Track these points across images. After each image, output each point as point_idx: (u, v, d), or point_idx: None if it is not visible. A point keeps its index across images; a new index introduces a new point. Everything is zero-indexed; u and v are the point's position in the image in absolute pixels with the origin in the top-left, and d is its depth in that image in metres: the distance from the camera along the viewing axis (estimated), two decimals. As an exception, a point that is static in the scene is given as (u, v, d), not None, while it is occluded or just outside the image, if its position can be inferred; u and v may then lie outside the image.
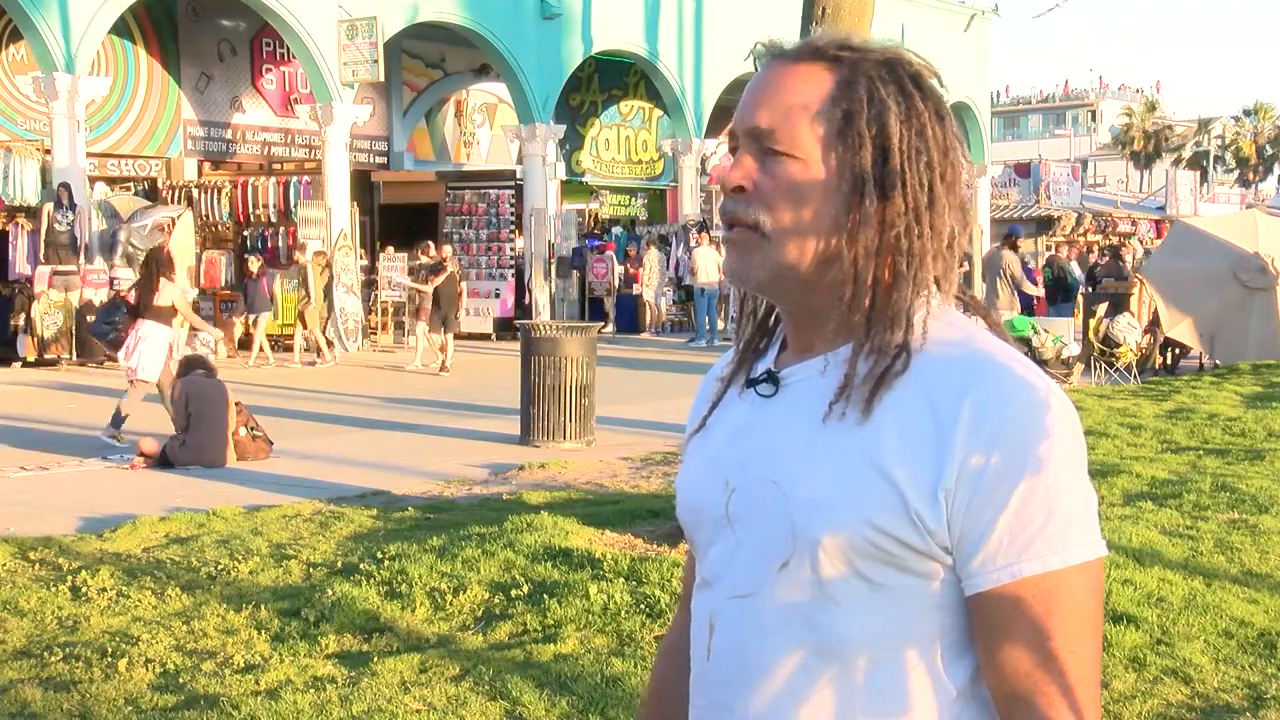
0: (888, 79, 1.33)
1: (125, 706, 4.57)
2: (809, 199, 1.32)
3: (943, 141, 1.34)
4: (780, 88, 1.34)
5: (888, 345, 1.30)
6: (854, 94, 1.32)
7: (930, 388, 1.27)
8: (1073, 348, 16.02)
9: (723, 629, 1.37)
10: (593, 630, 5.19)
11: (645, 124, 30.50)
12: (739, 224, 1.35)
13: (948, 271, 1.35)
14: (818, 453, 1.30)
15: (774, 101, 1.34)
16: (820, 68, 1.34)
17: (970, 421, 1.24)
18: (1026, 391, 1.26)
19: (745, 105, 1.36)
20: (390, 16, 21.44)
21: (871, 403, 1.28)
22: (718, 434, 1.43)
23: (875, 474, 1.26)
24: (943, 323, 1.33)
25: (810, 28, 6.62)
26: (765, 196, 1.33)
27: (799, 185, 1.32)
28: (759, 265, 1.34)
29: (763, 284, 1.36)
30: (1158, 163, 73.69)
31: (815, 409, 1.32)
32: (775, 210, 1.32)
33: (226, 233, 21.08)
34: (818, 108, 1.32)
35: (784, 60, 1.36)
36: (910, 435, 1.26)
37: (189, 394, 10.01)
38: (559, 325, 11.31)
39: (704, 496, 1.40)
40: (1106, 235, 35.69)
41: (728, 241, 1.37)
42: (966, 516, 1.24)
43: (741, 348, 1.46)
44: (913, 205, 1.32)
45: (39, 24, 17.71)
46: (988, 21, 33.79)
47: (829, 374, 1.33)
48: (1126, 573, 5.73)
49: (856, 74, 1.33)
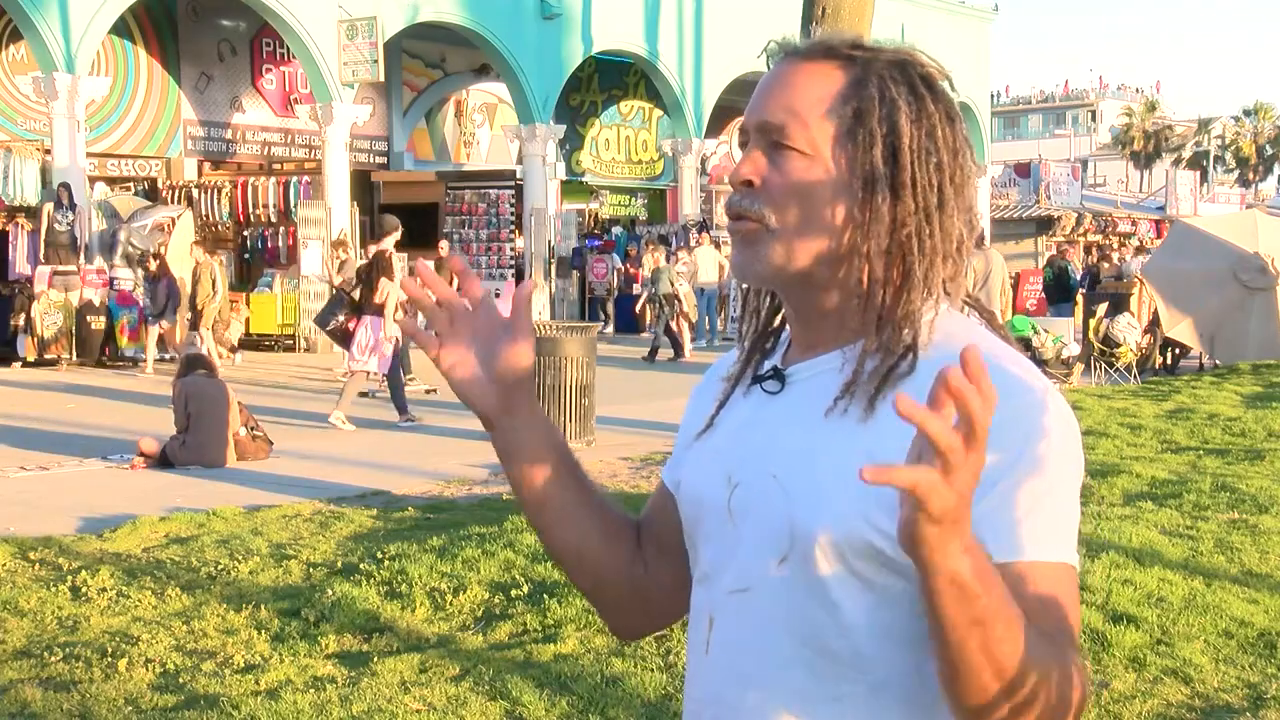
0: (899, 79, 1.34)
1: (125, 706, 4.57)
2: (817, 196, 1.32)
3: (953, 143, 1.34)
4: (792, 84, 1.34)
5: (895, 345, 1.30)
6: (865, 93, 1.32)
7: None
8: (1073, 348, 16.03)
9: (721, 624, 1.38)
10: (593, 630, 5.18)
11: (645, 124, 30.50)
12: (746, 218, 1.35)
13: (956, 274, 1.35)
14: (819, 449, 1.30)
15: (785, 98, 1.34)
16: (832, 66, 1.34)
17: None
18: (1025, 393, 1.26)
19: (757, 100, 1.36)
20: (390, 16, 21.44)
21: (875, 401, 1.28)
22: (723, 431, 1.43)
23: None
24: (950, 325, 1.33)
25: (810, 28, 6.62)
26: (773, 192, 1.33)
27: (807, 182, 1.32)
28: (764, 260, 1.34)
29: (767, 279, 1.36)
30: (1158, 163, 73.70)
31: (819, 406, 1.32)
32: (782, 206, 1.33)
33: (226, 233, 21.08)
34: (829, 105, 1.32)
35: (797, 58, 1.36)
36: (910, 434, 1.26)
37: (189, 394, 10.00)
38: (559, 325, 11.31)
39: (707, 491, 1.40)
40: (1106, 235, 35.69)
41: (734, 234, 1.37)
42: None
43: (748, 347, 1.46)
44: (923, 206, 1.32)
45: (39, 24, 17.71)
46: (988, 21, 33.81)
47: (844, 371, 1.33)
48: (1126, 573, 5.73)
49: (868, 73, 1.33)
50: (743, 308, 1.49)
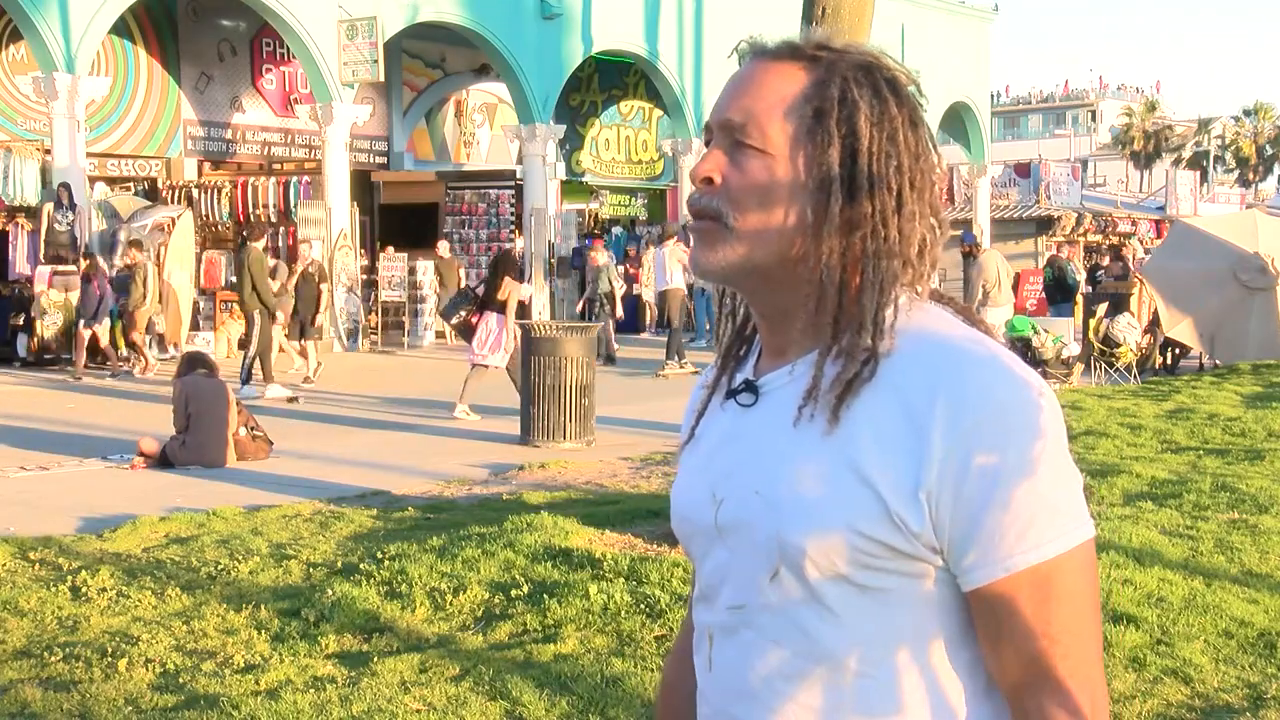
0: (863, 81, 1.33)
1: (125, 706, 4.57)
2: (775, 195, 1.32)
3: (915, 147, 1.34)
4: (756, 84, 1.35)
5: (855, 349, 1.30)
6: (826, 93, 1.32)
7: (902, 387, 1.27)
8: (1073, 348, 16.03)
9: (721, 642, 1.38)
10: (593, 630, 5.19)
11: (645, 124, 30.49)
12: (705, 215, 1.35)
13: (917, 279, 1.34)
14: (797, 461, 1.30)
15: (748, 97, 1.34)
16: (797, 66, 1.34)
17: (946, 419, 1.23)
18: (1000, 382, 1.25)
19: (721, 100, 1.37)
20: (390, 16, 21.43)
21: (838, 410, 1.28)
22: (704, 445, 1.43)
23: (854, 479, 1.26)
24: (914, 323, 1.32)
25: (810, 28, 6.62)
26: (732, 190, 1.33)
27: (765, 181, 1.32)
28: (720, 258, 1.34)
29: (723, 277, 1.36)
30: (1158, 163, 73.68)
31: (792, 416, 1.32)
32: (741, 204, 1.32)
33: (226, 233, 21.07)
34: (789, 105, 1.32)
35: (764, 58, 1.36)
36: (885, 438, 1.25)
37: (189, 394, 10.00)
38: (559, 325, 11.31)
39: (694, 510, 1.41)
40: (1106, 235, 35.68)
41: (694, 231, 1.36)
42: (954, 515, 1.24)
43: (722, 355, 1.46)
44: (880, 209, 1.31)
45: (39, 24, 17.70)
46: (988, 21, 33.80)
47: (795, 379, 1.33)
48: (1126, 573, 5.73)
49: (831, 74, 1.33)
50: (718, 310, 1.49)
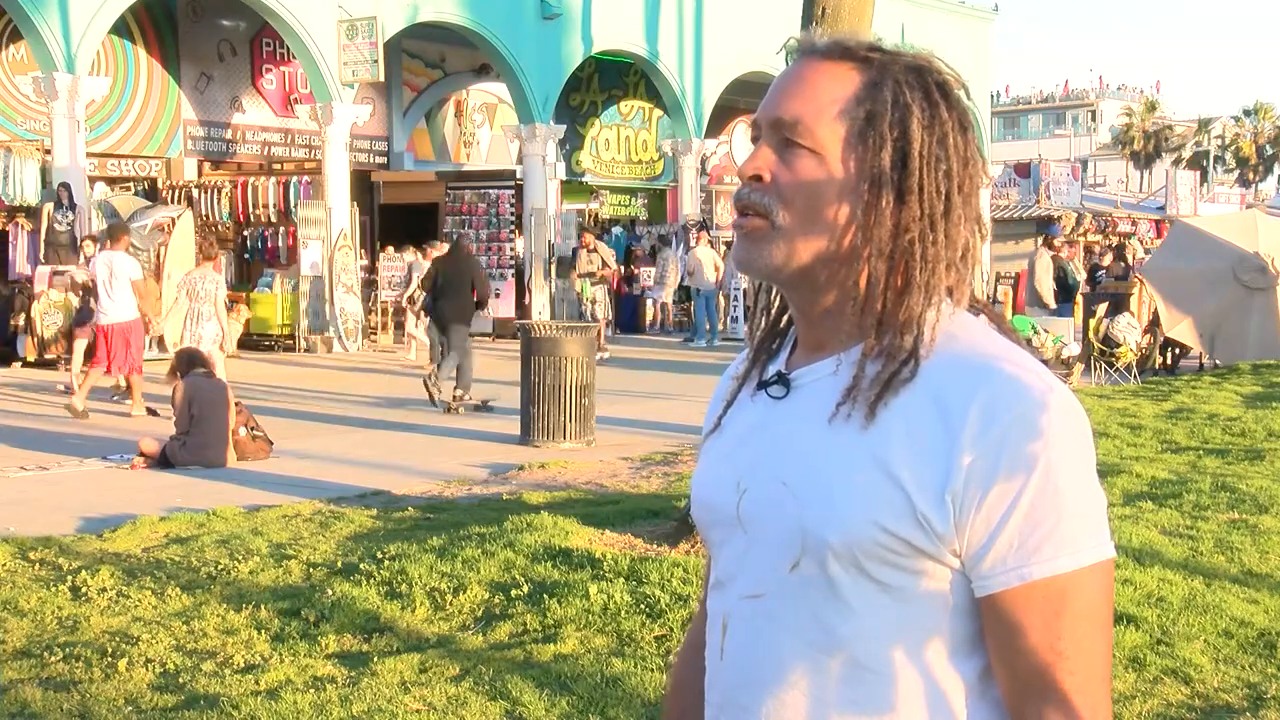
0: (914, 84, 1.34)
1: (125, 706, 4.57)
2: (824, 195, 1.32)
3: (964, 152, 1.34)
4: (807, 83, 1.35)
5: (897, 350, 1.30)
6: (879, 96, 1.32)
7: (939, 391, 1.27)
8: (1073, 348, 16.02)
9: (735, 629, 1.38)
10: (593, 630, 5.19)
11: (645, 124, 30.49)
12: (752, 211, 1.35)
13: (960, 282, 1.35)
14: (826, 454, 1.30)
15: (799, 95, 1.34)
16: (849, 67, 1.34)
17: (978, 424, 1.24)
18: (1033, 394, 1.26)
19: (771, 96, 1.37)
20: (390, 16, 21.43)
21: (876, 407, 1.28)
22: (731, 434, 1.44)
23: (882, 476, 1.26)
24: (954, 328, 1.33)
25: (810, 28, 6.62)
26: (780, 188, 1.33)
27: (815, 181, 1.32)
28: (767, 256, 1.34)
29: (768, 274, 1.36)
30: (1158, 163, 73.71)
31: (824, 410, 1.32)
32: (789, 203, 1.33)
33: (226, 233, 21.06)
34: (842, 106, 1.33)
35: (814, 57, 1.36)
36: (917, 438, 1.26)
37: (192, 395, 10.00)
38: (559, 325, 11.31)
39: (717, 497, 1.41)
40: (1106, 235, 35.67)
41: (739, 229, 1.37)
42: (975, 520, 1.24)
43: (755, 347, 1.47)
44: (928, 212, 1.32)
45: (39, 24, 17.70)
46: (988, 21, 33.80)
47: (839, 375, 1.33)
48: (1126, 573, 5.73)
49: (884, 76, 1.33)
50: (753, 305, 1.49)
